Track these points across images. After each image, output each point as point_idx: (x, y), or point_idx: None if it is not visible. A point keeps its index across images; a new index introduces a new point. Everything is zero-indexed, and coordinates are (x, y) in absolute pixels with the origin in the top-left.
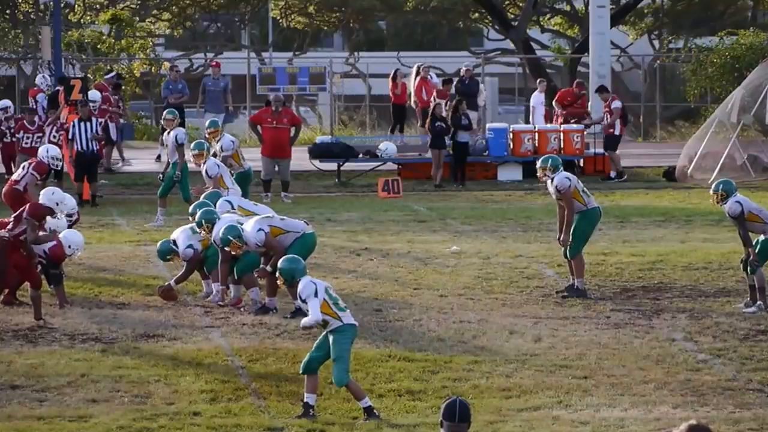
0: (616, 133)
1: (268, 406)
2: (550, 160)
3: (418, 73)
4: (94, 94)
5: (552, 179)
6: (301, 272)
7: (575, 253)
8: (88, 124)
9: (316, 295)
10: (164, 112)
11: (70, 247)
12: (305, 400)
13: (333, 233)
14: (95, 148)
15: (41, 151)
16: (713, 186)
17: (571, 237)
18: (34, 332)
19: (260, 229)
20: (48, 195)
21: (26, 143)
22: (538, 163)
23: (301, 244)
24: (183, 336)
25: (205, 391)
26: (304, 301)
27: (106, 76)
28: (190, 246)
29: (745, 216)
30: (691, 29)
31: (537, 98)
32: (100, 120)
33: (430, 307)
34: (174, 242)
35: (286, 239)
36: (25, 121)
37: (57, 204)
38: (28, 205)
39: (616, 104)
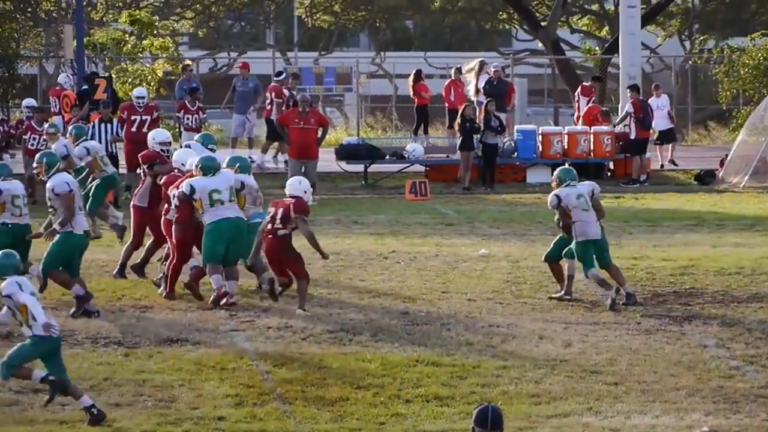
0: (632, 136)
1: (293, 411)
2: (558, 173)
3: (481, 69)
4: (140, 91)
5: None
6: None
7: (588, 270)
8: (109, 125)
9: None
10: (46, 126)
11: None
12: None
13: (360, 236)
14: (115, 151)
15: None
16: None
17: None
18: None
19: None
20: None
21: (32, 145)
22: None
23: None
24: (207, 340)
25: (230, 395)
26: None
27: (275, 78)
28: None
29: None
30: (721, 30)
31: (655, 102)
32: (144, 117)
33: (458, 311)
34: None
35: None
36: (33, 122)
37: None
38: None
39: (628, 108)
